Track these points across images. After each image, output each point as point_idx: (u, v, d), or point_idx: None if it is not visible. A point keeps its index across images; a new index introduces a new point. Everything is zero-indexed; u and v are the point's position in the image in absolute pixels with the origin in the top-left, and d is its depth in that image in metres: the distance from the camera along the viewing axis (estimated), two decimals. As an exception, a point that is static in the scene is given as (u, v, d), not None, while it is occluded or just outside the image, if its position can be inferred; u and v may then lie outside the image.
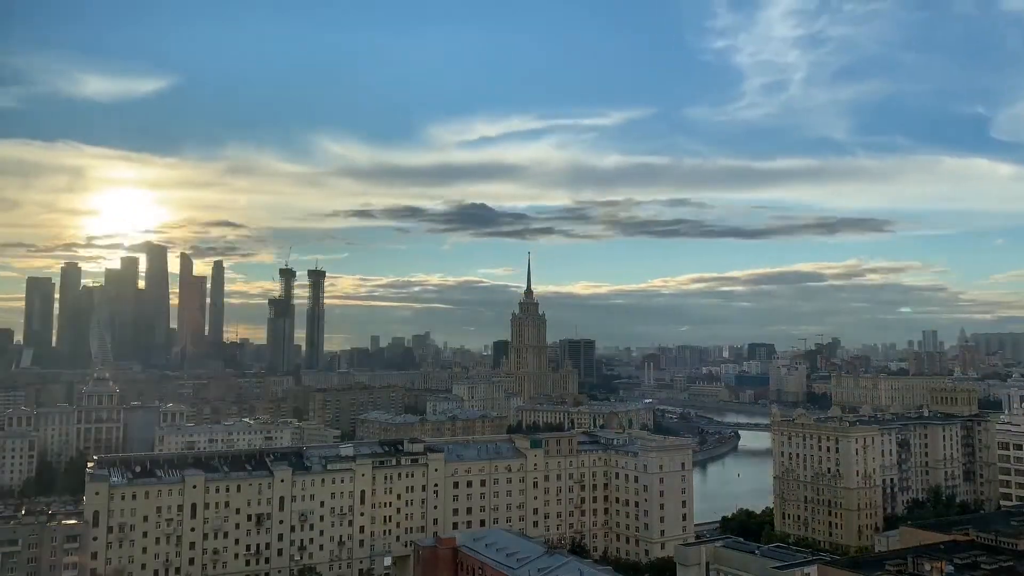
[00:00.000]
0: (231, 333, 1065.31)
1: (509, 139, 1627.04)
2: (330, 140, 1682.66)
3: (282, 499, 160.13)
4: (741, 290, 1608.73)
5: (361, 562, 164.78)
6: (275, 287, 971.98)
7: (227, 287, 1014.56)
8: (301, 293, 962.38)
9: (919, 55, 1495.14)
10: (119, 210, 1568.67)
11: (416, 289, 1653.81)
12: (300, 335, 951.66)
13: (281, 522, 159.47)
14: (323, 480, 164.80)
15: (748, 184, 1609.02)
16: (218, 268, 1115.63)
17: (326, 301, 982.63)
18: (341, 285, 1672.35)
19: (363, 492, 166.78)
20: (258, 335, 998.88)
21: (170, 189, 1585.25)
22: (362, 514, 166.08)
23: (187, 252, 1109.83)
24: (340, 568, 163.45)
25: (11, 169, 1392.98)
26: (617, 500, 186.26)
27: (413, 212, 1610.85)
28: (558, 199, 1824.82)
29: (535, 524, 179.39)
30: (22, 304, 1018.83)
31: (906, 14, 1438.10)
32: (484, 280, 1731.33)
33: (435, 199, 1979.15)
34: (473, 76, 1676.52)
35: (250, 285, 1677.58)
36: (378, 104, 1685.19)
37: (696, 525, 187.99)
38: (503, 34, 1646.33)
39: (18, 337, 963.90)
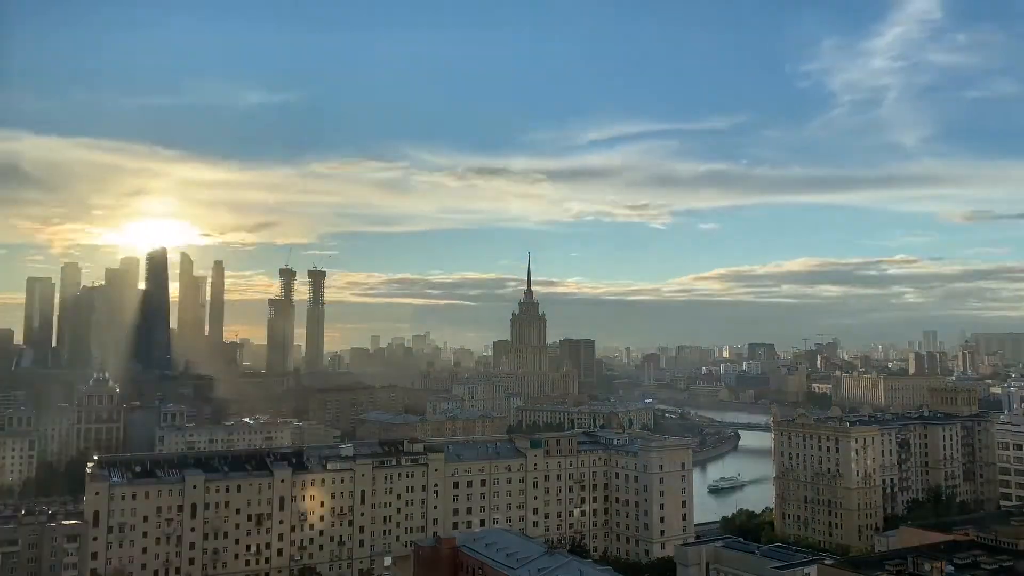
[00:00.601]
0: (231, 332, 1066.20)
1: (601, 145, 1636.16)
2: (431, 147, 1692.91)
3: (282, 499, 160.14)
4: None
5: (361, 562, 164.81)
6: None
7: (326, 294, 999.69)
8: (333, 295, 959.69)
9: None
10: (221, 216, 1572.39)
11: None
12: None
13: (281, 522, 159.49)
14: (323, 480, 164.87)
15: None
16: (218, 268, 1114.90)
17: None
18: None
19: (363, 492, 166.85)
20: (258, 334, 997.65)
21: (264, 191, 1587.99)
22: (362, 514, 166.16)
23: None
24: (340, 568, 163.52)
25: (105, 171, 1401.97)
26: (617, 500, 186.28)
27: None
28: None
29: (535, 524, 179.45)
30: (22, 304, 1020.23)
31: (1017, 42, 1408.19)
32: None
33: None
34: (572, 83, 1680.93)
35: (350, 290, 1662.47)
36: (474, 111, 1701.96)
37: (696, 525, 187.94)
38: (606, 43, 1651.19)
39: (18, 337, 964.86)
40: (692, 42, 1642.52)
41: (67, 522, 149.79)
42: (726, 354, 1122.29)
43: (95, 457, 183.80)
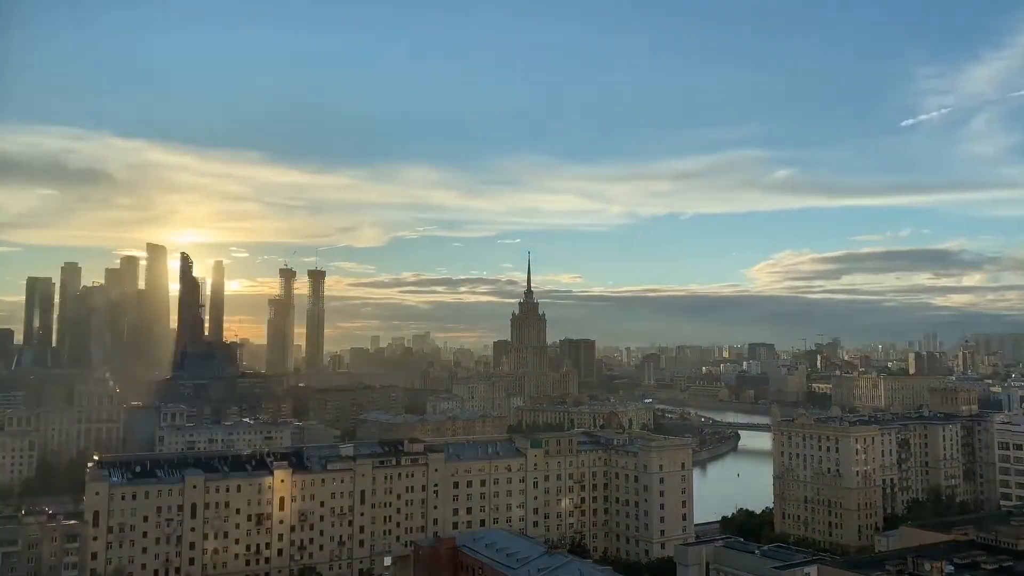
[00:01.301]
0: (229, 332, 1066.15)
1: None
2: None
3: (282, 499, 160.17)
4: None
5: (361, 562, 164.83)
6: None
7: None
8: (362, 291, 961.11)
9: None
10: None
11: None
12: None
13: (281, 522, 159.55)
14: (323, 480, 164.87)
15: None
16: (218, 268, 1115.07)
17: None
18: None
19: (363, 492, 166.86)
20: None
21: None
22: (362, 514, 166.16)
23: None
24: (340, 568, 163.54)
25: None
26: (617, 500, 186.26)
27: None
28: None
29: (535, 524, 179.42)
30: (22, 304, 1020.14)
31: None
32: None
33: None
34: (668, 95, 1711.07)
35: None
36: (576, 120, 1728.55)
37: (696, 525, 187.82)
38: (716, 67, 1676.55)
39: (18, 337, 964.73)
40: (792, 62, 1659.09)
41: (67, 522, 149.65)
42: (726, 354, 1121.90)
43: (95, 457, 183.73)
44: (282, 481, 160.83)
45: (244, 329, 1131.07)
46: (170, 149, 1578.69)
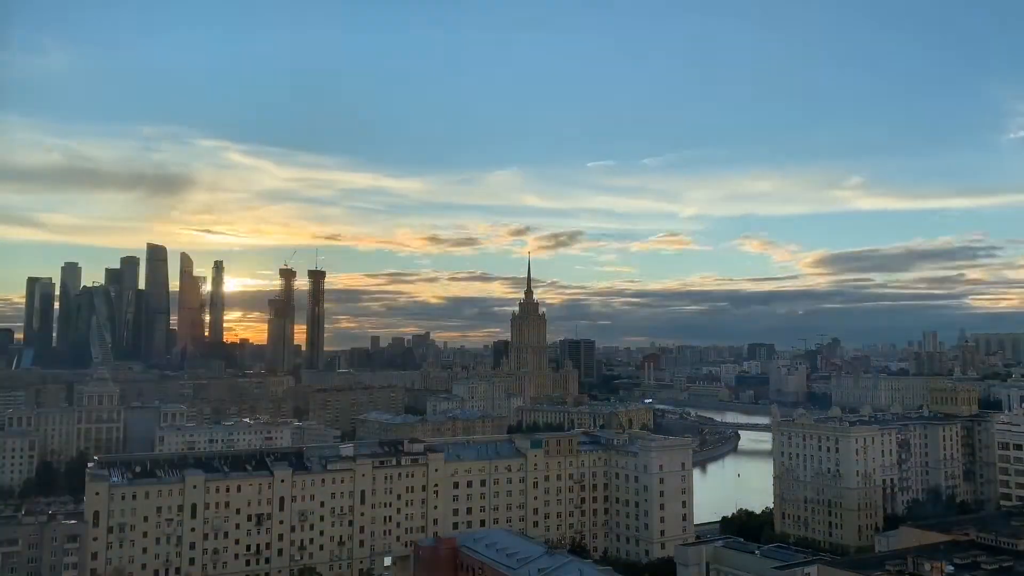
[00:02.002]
0: (230, 333, 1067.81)
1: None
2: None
3: (282, 499, 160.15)
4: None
5: (361, 562, 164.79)
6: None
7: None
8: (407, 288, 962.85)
9: None
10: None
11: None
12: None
13: (281, 522, 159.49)
14: (323, 480, 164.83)
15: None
16: (218, 268, 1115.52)
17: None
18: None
19: (363, 492, 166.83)
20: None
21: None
22: (362, 514, 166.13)
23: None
24: (340, 568, 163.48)
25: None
26: (617, 500, 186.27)
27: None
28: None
29: (535, 524, 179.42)
30: (22, 304, 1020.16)
31: None
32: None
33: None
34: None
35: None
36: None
37: (696, 525, 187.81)
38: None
39: (18, 337, 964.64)
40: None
41: (67, 522, 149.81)
42: (726, 354, 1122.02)
43: (95, 457, 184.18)
44: (282, 481, 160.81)
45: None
46: (251, 152, 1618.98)
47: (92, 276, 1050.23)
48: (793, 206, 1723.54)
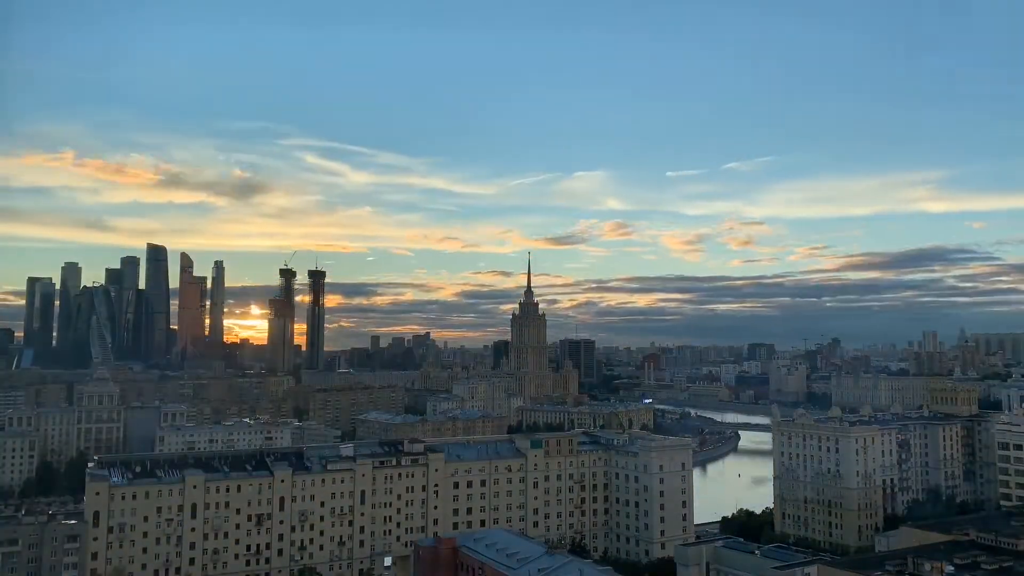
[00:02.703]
0: (229, 335, 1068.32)
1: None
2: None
3: (282, 499, 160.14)
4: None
5: (361, 562, 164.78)
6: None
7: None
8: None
9: None
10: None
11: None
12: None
13: (281, 522, 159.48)
14: (323, 480, 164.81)
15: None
16: (218, 268, 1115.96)
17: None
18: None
19: (363, 492, 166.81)
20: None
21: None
22: (362, 514, 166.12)
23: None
24: (340, 568, 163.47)
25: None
26: (617, 500, 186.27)
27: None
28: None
29: (535, 524, 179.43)
30: (22, 304, 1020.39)
31: None
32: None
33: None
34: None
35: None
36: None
37: (696, 525, 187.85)
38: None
39: (18, 336, 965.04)
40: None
41: (67, 522, 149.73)
42: (726, 354, 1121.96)
43: (95, 457, 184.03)
44: (282, 481, 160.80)
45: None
46: (329, 154, 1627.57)
47: (92, 276, 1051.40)
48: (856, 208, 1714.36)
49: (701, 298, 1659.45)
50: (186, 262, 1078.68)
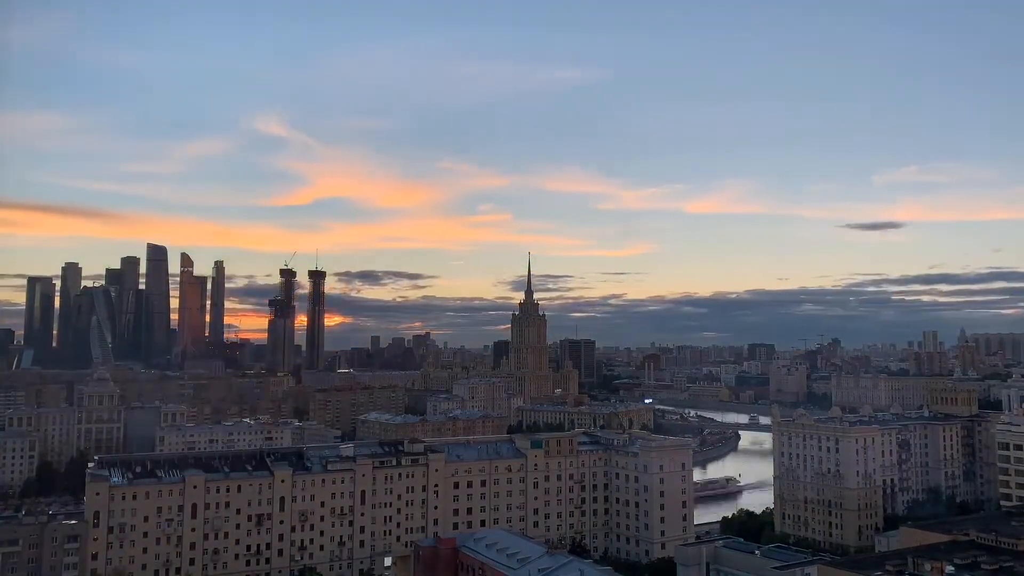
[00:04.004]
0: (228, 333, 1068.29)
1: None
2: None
3: (282, 499, 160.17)
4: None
5: (361, 562, 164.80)
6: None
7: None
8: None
9: None
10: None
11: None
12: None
13: (281, 522, 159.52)
14: (323, 480, 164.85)
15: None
16: (219, 268, 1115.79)
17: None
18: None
19: (363, 492, 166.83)
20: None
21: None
22: (362, 514, 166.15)
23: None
24: (340, 568, 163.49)
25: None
26: (617, 500, 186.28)
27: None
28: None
29: (535, 524, 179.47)
30: (22, 304, 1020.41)
31: None
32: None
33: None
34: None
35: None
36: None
37: (696, 525, 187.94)
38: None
39: (18, 337, 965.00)
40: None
41: (67, 522, 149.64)
42: (726, 354, 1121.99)
43: (95, 457, 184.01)
44: (282, 481, 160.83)
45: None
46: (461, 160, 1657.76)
47: (92, 276, 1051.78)
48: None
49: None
50: (186, 262, 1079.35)
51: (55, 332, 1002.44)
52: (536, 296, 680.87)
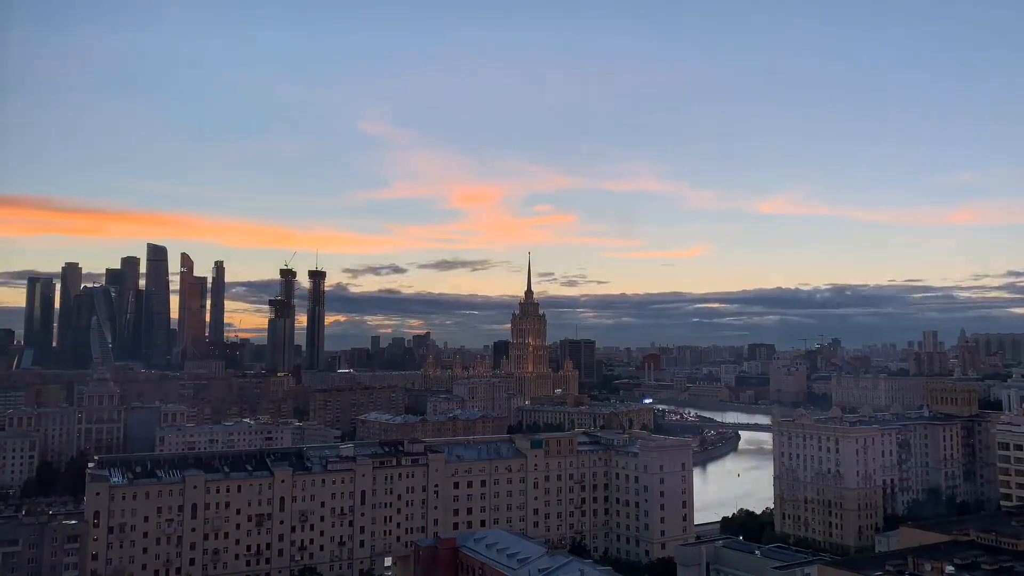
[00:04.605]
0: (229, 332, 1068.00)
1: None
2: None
3: (282, 499, 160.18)
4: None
5: (361, 562, 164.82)
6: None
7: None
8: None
9: None
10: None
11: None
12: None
13: (281, 522, 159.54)
14: (323, 480, 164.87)
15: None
16: (219, 268, 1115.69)
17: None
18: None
19: (363, 492, 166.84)
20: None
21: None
22: (362, 514, 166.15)
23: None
24: (340, 568, 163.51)
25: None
26: (617, 500, 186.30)
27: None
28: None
29: (535, 524, 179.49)
30: (22, 304, 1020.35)
31: None
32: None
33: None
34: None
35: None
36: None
37: (696, 525, 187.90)
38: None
39: (18, 337, 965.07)
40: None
41: (67, 522, 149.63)
42: (726, 354, 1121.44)
43: (95, 457, 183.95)
44: (282, 481, 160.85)
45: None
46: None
47: (92, 276, 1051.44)
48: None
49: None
50: (186, 262, 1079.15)
51: (55, 332, 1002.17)
52: (578, 291, 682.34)
